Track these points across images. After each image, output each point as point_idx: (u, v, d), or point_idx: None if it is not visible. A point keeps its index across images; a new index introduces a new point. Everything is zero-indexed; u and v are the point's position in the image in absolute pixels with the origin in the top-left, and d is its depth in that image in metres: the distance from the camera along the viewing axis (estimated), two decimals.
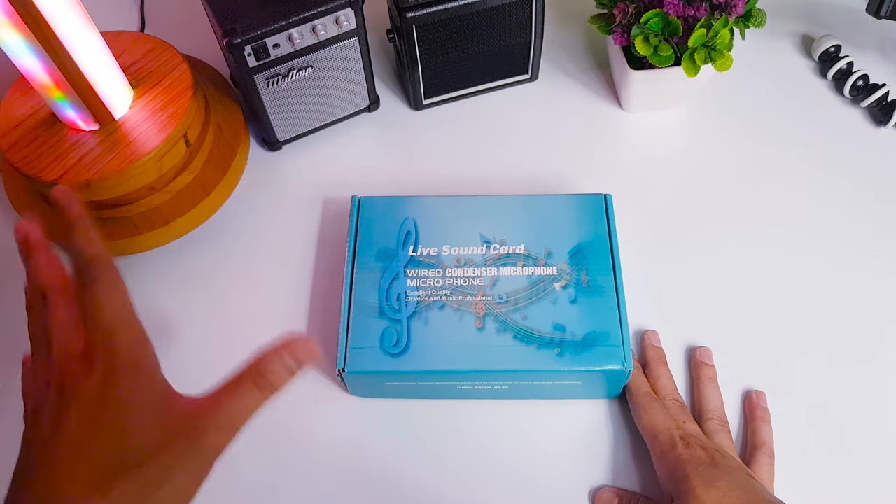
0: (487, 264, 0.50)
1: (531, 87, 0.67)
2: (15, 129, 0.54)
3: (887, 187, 0.61)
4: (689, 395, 0.52)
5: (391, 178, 0.62)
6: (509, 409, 0.51)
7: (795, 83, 0.67)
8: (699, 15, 0.54)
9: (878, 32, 0.69)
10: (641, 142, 0.64)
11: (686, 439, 0.46)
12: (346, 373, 0.47)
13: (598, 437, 0.50)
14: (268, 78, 0.56)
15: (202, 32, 0.63)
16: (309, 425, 0.51)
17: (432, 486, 0.49)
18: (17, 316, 0.56)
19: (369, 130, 0.65)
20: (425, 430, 0.51)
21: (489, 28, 0.59)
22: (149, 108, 0.55)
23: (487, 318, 0.48)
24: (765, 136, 0.64)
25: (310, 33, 0.54)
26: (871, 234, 0.58)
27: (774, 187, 0.61)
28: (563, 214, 0.52)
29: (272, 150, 0.63)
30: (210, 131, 0.59)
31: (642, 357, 0.53)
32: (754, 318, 0.55)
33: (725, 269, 0.57)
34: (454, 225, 0.52)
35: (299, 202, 0.61)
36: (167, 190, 0.56)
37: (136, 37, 0.59)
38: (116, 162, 0.52)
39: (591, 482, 0.49)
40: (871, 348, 0.53)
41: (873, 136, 0.64)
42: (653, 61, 0.56)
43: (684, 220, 0.59)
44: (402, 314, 0.48)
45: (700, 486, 0.42)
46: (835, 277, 0.56)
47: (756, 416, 0.50)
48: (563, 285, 0.49)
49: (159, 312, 0.56)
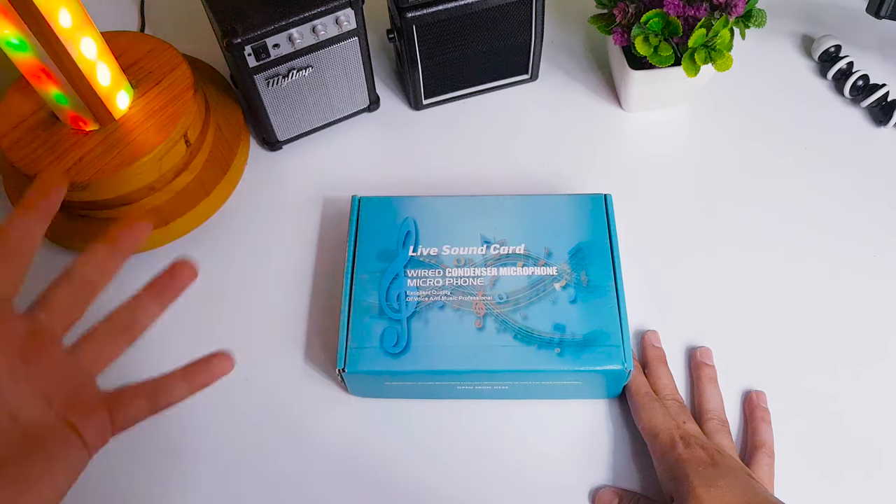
0: (487, 264, 0.50)
1: (531, 87, 0.67)
2: (15, 129, 0.54)
3: (887, 187, 0.61)
4: (689, 395, 0.52)
5: (391, 178, 0.62)
6: (509, 409, 0.51)
7: (795, 83, 0.67)
8: (699, 15, 0.54)
9: (878, 32, 0.69)
10: (641, 142, 0.64)
11: (686, 439, 0.46)
12: (346, 373, 0.47)
13: (598, 437, 0.50)
14: (268, 78, 0.56)
15: (202, 32, 0.63)
16: (309, 425, 0.51)
17: (432, 486, 0.49)
18: None
19: (369, 130, 0.65)
20: (425, 430, 0.51)
21: (489, 28, 0.59)
22: (149, 108, 0.55)
23: (487, 318, 0.48)
24: (765, 136, 0.64)
25: (310, 33, 0.54)
26: (871, 234, 0.58)
27: (774, 187, 0.61)
28: (563, 214, 0.52)
29: (272, 150, 0.63)
30: (210, 131, 0.59)
31: (642, 357, 0.53)
32: (754, 318, 0.55)
33: (726, 269, 0.57)
34: (454, 225, 0.52)
35: (299, 202, 0.61)
36: (167, 190, 0.56)
37: (136, 37, 0.59)
38: (116, 162, 0.52)
39: (591, 482, 0.49)
40: (871, 348, 0.53)
41: (873, 136, 0.64)
42: (653, 61, 0.56)
43: (684, 219, 0.59)
44: (403, 314, 0.48)
45: (700, 485, 0.42)
46: (835, 277, 0.56)
47: (756, 416, 0.50)
48: (563, 285, 0.49)
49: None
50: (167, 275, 0.39)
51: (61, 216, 0.56)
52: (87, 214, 0.56)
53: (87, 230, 0.56)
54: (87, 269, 0.37)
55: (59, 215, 0.56)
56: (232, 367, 0.40)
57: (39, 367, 0.33)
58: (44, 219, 0.37)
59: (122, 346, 0.37)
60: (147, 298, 0.38)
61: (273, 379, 0.53)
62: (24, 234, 0.36)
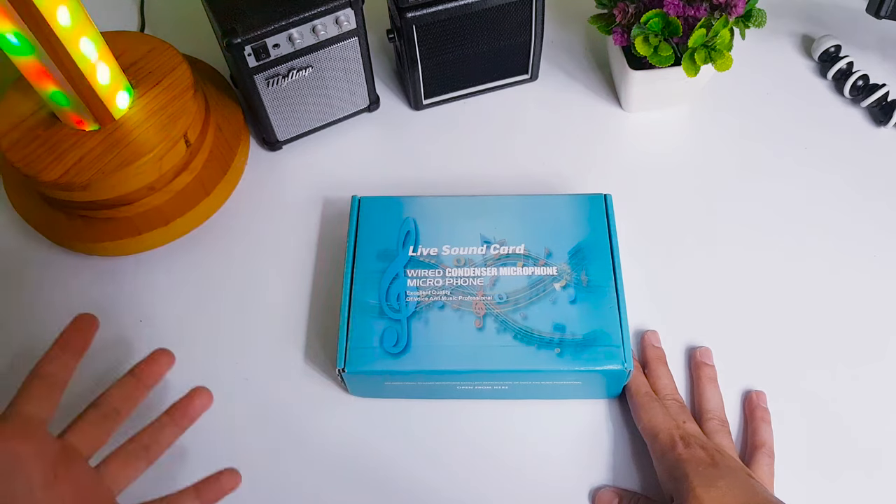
0: (487, 264, 0.50)
1: (531, 87, 0.67)
2: (15, 129, 0.54)
3: (887, 187, 0.61)
4: (689, 395, 0.52)
5: (391, 178, 0.62)
6: (509, 409, 0.51)
7: (795, 83, 0.67)
8: (699, 15, 0.54)
9: (878, 32, 0.69)
10: (641, 142, 0.64)
11: (686, 439, 0.46)
12: (346, 373, 0.47)
13: (598, 437, 0.50)
14: (268, 78, 0.55)
15: (202, 32, 0.63)
16: (309, 425, 0.51)
17: (432, 486, 0.49)
18: (14, 316, 0.56)
19: (369, 130, 0.65)
20: (425, 430, 0.51)
21: (489, 28, 0.59)
22: (149, 108, 0.55)
23: (487, 318, 0.48)
24: (765, 136, 0.64)
25: (310, 33, 0.54)
26: (871, 234, 0.58)
27: (774, 187, 0.61)
28: (563, 214, 0.52)
29: (272, 150, 0.63)
30: (210, 131, 0.59)
31: (642, 357, 0.53)
32: (754, 318, 0.55)
33: (726, 269, 0.57)
34: (454, 225, 0.52)
35: (299, 202, 0.61)
36: (167, 190, 0.56)
37: (136, 37, 0.59)
38: (116, 162, 0.52)
39: (591, 482, 0.49)
40: (871, 348, 0.53)
41: (873, 136, 0.64)
42: (653, 61, 0.56)
43: (684, 219, 0.59)
44: (403, 314, 0.48)
45: (700, 485, 0.42)
46: (834, 277, 0.56)
47: (756, 416, 0.50)
48: (563, 285, 0.49)
49: (159, 312, 0.56)
50: (186, 400, 0.45)
51: (61, 216, 0.57)
52: (87, 214, 0.56)
53: (87, 230, 0.56)
54: (113, 400, 0.43)
55: (59, 215, 0.57)
56: (239, 482, 0.44)
57: (67, 483, 0.38)
58: (77, 356, 0.43)
59: (141, 467, 0.43)
60: (167, 422, 0.44)
61: (273, 379, 0.53)
62: (59, 370, 0.42)
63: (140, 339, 0.54)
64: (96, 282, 0.57)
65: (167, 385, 0.51)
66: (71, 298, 0.56)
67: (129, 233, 0.55)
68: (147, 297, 0.56)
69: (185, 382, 0.52)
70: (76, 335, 0.43)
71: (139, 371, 0.45)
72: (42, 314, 0.56)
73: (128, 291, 0.57)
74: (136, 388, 0.44)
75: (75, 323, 0.44)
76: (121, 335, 0.54)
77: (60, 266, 0.58)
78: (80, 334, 0.44)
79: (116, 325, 0.55)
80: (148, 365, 0.45)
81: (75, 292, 0.57)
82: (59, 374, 0.42)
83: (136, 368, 0.45)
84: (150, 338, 0.55)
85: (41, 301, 0.56)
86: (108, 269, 0.58)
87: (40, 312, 0.56)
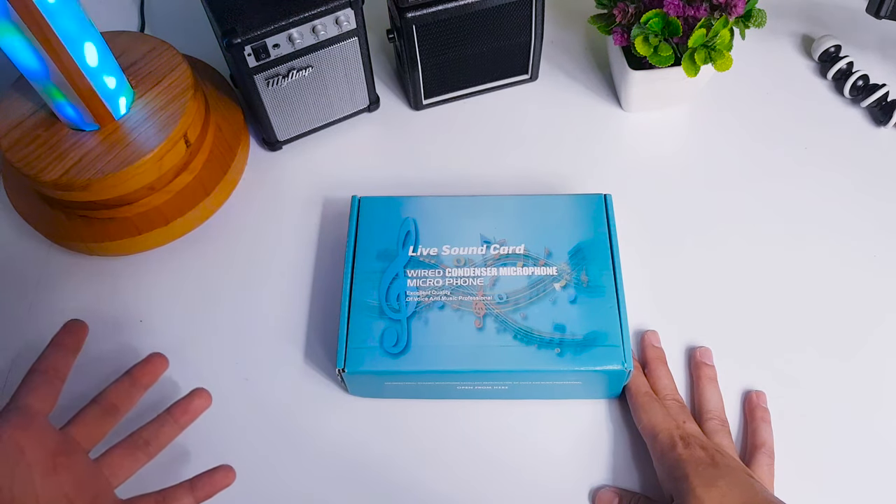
0: (487, 264, 0.50)
1: (531, 87, 0.67)
2: (15, 129, 0.54)
3: (887, 187, 0.61)
4: (689, 395, 0.52)
5: (391, 178, 0.62)
6: (509, 409, 0.51)
7: (795, 83, 0.67)
8: (699, 15, 0.54)
9: (878, 32, 0.69)
10: (641, 142, 0.64)
11: (686, 439, 0.46)
12: (346, 373, 0.47)
13: (598, 437, 0.50)
14: (268, 78, 0.56)
15: (202, 32, 0.63)
16: (309, 425, 0.51)
17: (432, 486, 0.49)
18: (15, 316, 0.56)
19: (369, 130, 0.65)
20: (425, 430, 0.51)
21: (489, 28, 0.59)
22: (149, 108, 0.55)
23: (487, 318, 0.48)
24: (765, 136, 0.64)
25: (310, 33, 0.54)
26: (872, 234, 0.58)
27: (774, 187, 0.61)
28: (563, 214, 0.52)
29: (272, 150, 0.63)
30: (210, 131, 0.59)
31: (642, 357, 0.53)
32: (754, 318, 0.55)
33: (726, 269, 0.57)
34: (454, 225, 0.52)
35: (299, 202, 0.61)
36: (167, 190, 0.56)
37: (136, 37, 0.59)
38: (116, 162, 0.52)
39: (591, 482, 0.49)
40: (871, 348, 0.53)
41: (873, 136, 0.64)
42: (653, 61, 0.56)
43: (684, 219, 0.59)
44: (402, 314, 0.48)
45: (700, 485, 0.42)
46: (835, 277, 0.56)
47: (756, 416, 0.50)
48: (563, 285, 0.49)
49: (159, 312, 0.56)
50: (186, 400, 0.47)
51: (61, 216, 0.57)
52: (87, 214, 0.56)
53: (87, 230, 0.56)
54: (112, 397, 0.45)
55: (59, 215, 0.57)
56: (234, 479, 0.46)
57: (67, 473, 0.40)
58: (73, 353, 0.45)
59: (140, 462, 0.44)
60: (167, 420, 0.46)
61: (273, 379, 0.53)
62: (58, 364, 0.44)
63: (140, 338, 0.54)
64: (96, 281, 0.57)
65: (167, 384, 0.52)
66: (71, 298, 0.56)
67: (129, 233, 0.55)
68: (147, 296, 0.56)
69: (185, 382, 0.53)
70: (68, 336, 0.45)
71: (135, 372, 0.47)
72: (42, 314, 0.56)
73: (128, 291, 0.57)
74: (132, 388, 0.46)
75: (66, 327, 0.46)
76: (121, 335, 0.54)
77: (60, 266, 0.58)
78: (71, 336, 0.45)
79: (116, 325, 0.55)
80: (143, 367, 0.47)
81: (75, 292, 0.57)
82: (58, 368, 0.43)
83: (132, 370, 0.47)
84: (150, 337, 0.55)
85: (41, 301, 0.56)
86: (108, 269, 0.58)
87: (40, 312, 0.56)
